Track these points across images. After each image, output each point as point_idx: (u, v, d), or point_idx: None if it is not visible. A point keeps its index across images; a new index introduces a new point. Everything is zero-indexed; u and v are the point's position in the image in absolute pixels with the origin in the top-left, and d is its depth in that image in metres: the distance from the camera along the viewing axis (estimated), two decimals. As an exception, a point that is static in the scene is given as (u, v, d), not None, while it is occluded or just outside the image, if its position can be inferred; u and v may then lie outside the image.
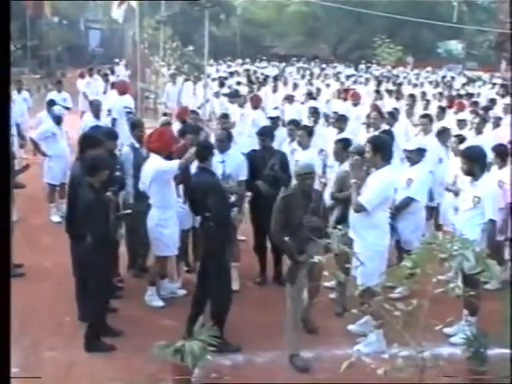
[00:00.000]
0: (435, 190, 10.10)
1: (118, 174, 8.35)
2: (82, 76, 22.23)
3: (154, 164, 8.02)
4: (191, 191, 7.60)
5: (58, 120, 11.82)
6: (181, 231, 8.58)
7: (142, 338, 7.23)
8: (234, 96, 16.95)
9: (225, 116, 11.02)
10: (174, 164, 7.89)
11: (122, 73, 25.29)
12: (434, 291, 5.20)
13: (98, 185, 7.03)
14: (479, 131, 11.96)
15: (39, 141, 11.67)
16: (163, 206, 8.10)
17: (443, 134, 10.96)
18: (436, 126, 11.91)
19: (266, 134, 9.44)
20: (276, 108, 17.14)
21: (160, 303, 8.35)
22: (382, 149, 7.42)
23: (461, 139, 10.44)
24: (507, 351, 7.13)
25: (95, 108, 12.79)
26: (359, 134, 12.44)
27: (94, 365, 6.86)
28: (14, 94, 15.36)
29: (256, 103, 15.15)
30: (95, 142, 8.04)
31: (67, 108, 14.94)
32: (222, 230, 7.17)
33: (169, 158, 8.12)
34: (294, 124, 10.89)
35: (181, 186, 8.44)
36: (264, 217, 8.68)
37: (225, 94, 18.59)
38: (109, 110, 14.06)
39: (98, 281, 7.05)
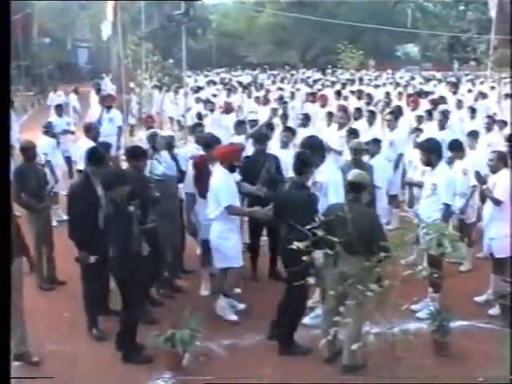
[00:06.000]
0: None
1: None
2: (75, 91, 22.22)
3: (217, 177, 7.50)
4: (283, 203, 6.91)
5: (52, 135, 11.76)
6: (204, 241, 8.18)
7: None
8: (207, 103, 17.01)
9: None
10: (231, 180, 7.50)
11: (108, 86, 25.12)
12: (403, 273, 5.25)
13: (119, 199, 6.51)
14: (442, 127, 11.98)
15: (46, 157, 11.13)
16: (225, 218, 7.45)
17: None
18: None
19: (261, 138, 9.06)
20: (252, 112, 17.16)
21: (234, 317, 7.62)
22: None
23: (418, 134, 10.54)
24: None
25: (94, 131, 11.05)
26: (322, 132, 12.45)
27: (93, 352, 6.87)
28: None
29: (227, 109, 15.03)
30: (99, 158, 7.53)
31: (72, 132, 14.36)
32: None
33: (232, 169, 7.57)
34: (270, 127, 10.87)
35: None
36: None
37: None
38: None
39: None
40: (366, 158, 9.09)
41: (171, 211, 8.19)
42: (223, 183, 7.40)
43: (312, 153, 7.84)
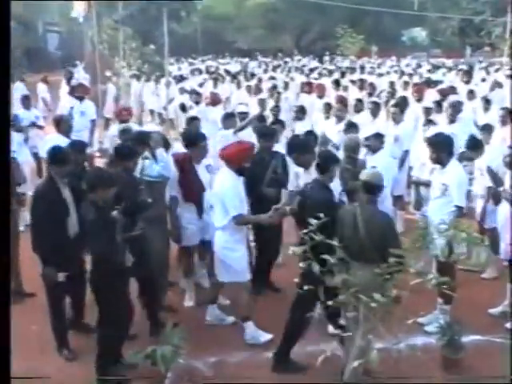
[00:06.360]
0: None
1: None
2: (45, 80, 22.12)
3: (223, 182, 7.33)
4: (304, 202, 6.84)
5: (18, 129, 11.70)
6: (188, 247, 8.28)
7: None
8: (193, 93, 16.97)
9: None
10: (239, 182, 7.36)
11: (81, 75, 25.08)
12: (412, 282, 5.24)
13: (101, 203, 6.33)
14: (452, 120, 11.93)
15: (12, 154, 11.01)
16: (232, 228, 7.26)
17: None
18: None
19: (267, 134, 8.79)
20: (241, 103, 17.15)
21: (268, 336, 7.39)
22: None
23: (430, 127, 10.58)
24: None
25: (66, 125, 10.73)
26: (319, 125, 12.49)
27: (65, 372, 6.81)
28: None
29: (214, 100, 15.06)
30: (63, 158, 7.15)
31: (40, 127, 14.15)
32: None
33: (240, 172, 7.38)
34: (261, 120, 10.87)
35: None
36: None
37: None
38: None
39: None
40: (361, 155, 9.10)
41: (160, 216, 8.02)
42: (231, 188, 7.24)
43: (301, 154, 7.84)
